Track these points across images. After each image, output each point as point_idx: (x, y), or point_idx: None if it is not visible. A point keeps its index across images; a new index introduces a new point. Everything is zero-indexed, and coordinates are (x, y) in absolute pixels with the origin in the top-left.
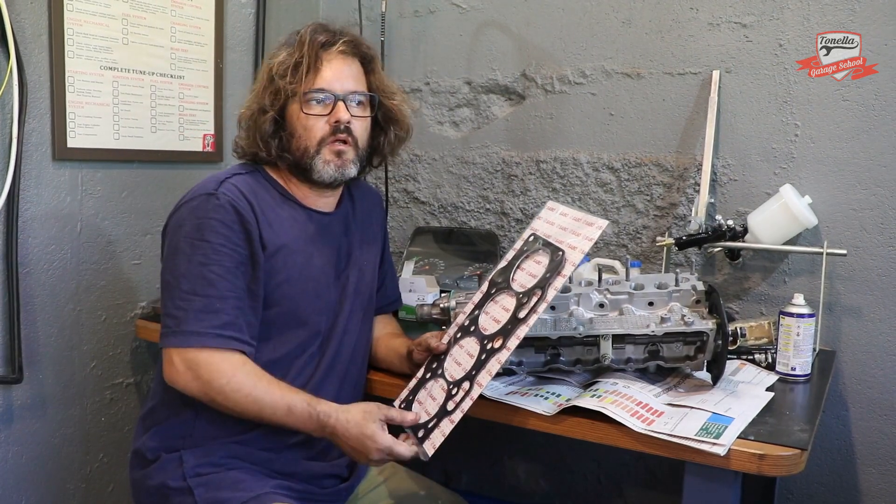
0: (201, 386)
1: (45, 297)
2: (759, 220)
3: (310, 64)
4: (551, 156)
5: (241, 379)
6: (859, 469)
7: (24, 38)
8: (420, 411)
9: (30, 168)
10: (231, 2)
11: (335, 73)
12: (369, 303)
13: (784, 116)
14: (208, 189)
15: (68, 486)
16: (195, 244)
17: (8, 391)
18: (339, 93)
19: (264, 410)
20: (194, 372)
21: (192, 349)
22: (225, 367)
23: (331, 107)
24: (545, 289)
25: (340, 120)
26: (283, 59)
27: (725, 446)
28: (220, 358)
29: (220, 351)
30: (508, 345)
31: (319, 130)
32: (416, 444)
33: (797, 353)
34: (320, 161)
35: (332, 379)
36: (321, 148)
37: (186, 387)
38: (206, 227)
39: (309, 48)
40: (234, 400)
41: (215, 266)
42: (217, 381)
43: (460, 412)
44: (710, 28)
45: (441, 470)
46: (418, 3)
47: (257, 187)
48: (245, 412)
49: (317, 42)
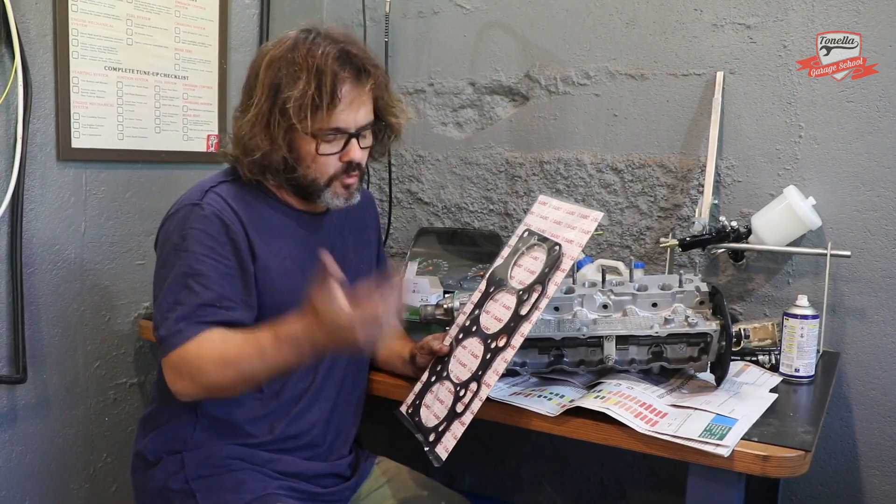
0: (190, 380)
1: (48, 297)
2: (763, 221)
3: (327, 100)
4: (555, 157)
5: (208, 352)
6: (862, 471)
7: (28, 38)
8: (429, 415)
9: (34, 168)
10: (235, 2)
11: (348, 105)
12: None
13: (788, 118)
14: (193, 199)
15: (72, 486)
16: (179, 254)
17: (12, 391)
18: (353, 129)
19: (244, 368)
20: (181, 373)
21: (173, 350)
22: (193, 349)
23: (343, 142)
24: (545, 284)
25: (354, 160)
26: (299, 94)
27: (729, 447)
28: (191, 344)
29: (191, 339)
30: (513, 343)
31: (331, 167)
32: (428, 448)
33: (801, 355)
34: (329, 193)
35: (331, 383)
36: (332, 182)
37: (186, 393)
38: (189, 238)
39: (323, 76)
40: (214, 375)
41: (199, 276)
42: (193, 367)
43: (470, 414)
44: (713, 29)
45: (444, 471)
46: (422, 4)
47: (244, 194)
48: (231, 381)
49: (339, 78)
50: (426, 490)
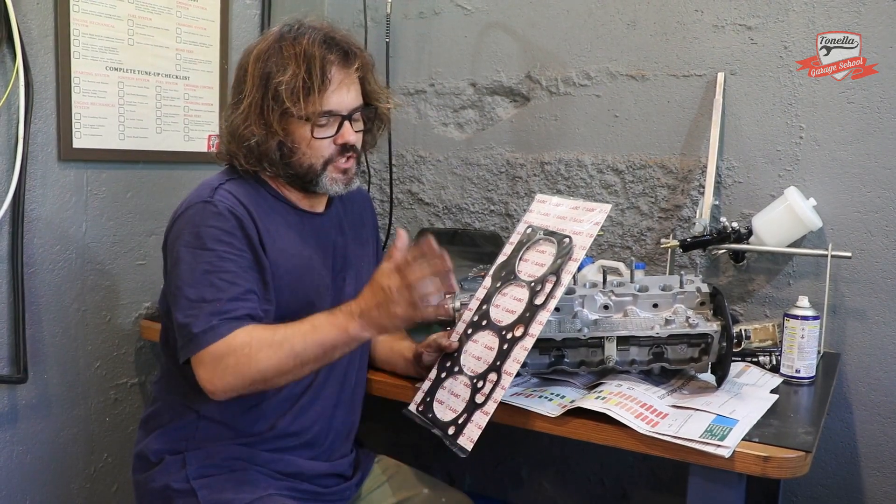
0: (235, 373)
1: (50, 297)
2: (764, 222)
3: (317, 84)
4: (556, 157)
5: (259, 335)
6: (863, 472)
7: (30, 38)
8: (444, 410)
9: (35, 168)
10: (236, 3)
11: (338, 89)
12: None
13: (789, 119)
14: (203, 197)
15: (72, 486)
16: (197, 253)
17: (13, 391)
18: (345, 112)
19: (295, 345)
20: (222, 365)
21: (209, 347)
22: (241, 338)
23: (336, 126)
24: (559, 274)
25: (349, 142)
26: (290, 78)
27: (730, 448)
28: (234, 336)
29: (232, 333)
30: (531, 331)
31: (326, 150)
32: (450, 441)
33: (801, 356)
34: (327, 178)
35: (332, 382)
36: (327, 166)
37: (225, 385)
38: (206, 236)
39: (311, 62)
40: (266, 359)
41: (222, 273)
42: (243, 355)
43: (493, 402)
44: (714, 30)
45: (445, 471)
46: (423, 5)
47: (250, 192)
48: (282, 362)
49: (327, 60)
50: (427, 487)
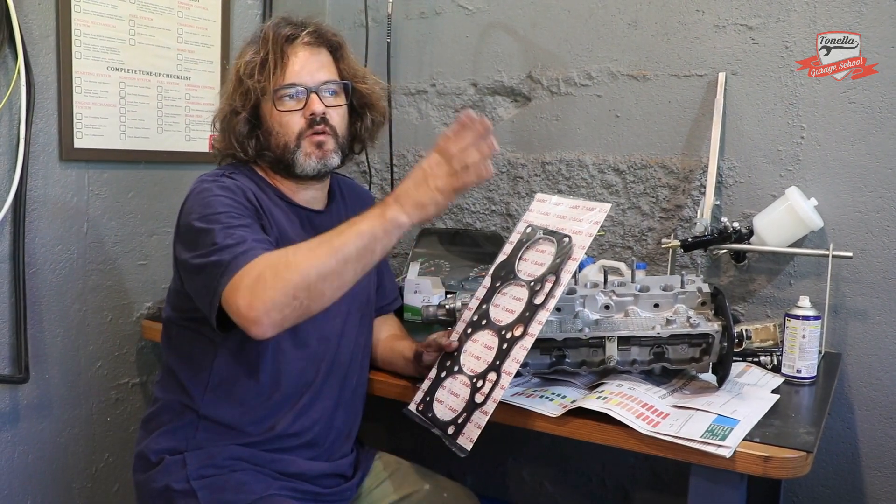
0: (275, 285)
1: (51, 297)
2: (765, 222)
3: (276, 60)
4: (557, 157)
5: (294, 246)
6: (864, 472)
7: (31, 39)
8: (443, 410)
9: (37, 168)
10: (238, 3)
11: (303, 65)
12: (367, 304)
13: (790, 119)
14: (209, 179)
15: (74, 486)
16: (209, 217)
17: (14, 391)
18: (311, 85)
19: (333, 240)
20: (261, 281)
21: (244, 268)
22: (276, 252)
23: (304, 101)
24: (559, 273)
25: (315, 112)
26: (250, 57)
27: (731, 448)
28: (268, 254)
29: (265, 253)
30: (531, 331)
31: (296, 125)
32: (449, 440)
33: (802, 356)
34: (301, 154)
35: (333, 381)
36: (300, 142)
37: (267, 303)
38: (216, 203)
39: (273, 44)
40: (305, 259)
41: (239, 228)
42: (281, 264)
43: (493, 402)
44: (716, 30)
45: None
46: (424, 5)
47: (252, 185)
48: (322, 260)
49: (281, 36)
50: (428, 483)
